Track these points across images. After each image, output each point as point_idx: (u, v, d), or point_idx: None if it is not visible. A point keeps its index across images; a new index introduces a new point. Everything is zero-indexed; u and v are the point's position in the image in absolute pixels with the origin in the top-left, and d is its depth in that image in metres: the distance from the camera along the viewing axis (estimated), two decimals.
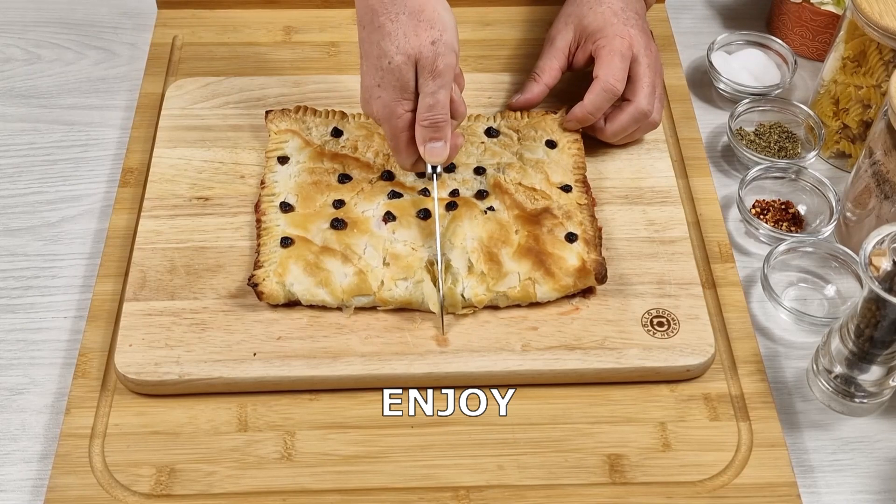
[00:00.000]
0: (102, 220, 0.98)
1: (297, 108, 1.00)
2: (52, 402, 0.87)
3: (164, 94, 1.06)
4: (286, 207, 0.92)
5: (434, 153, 0.87)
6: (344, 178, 0.94)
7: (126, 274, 0.91)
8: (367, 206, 0.92)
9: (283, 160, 0.96)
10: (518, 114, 1.00)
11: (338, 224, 0.90)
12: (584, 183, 0.95)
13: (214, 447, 0.83)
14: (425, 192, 0.93)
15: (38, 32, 1.18)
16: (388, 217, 0.90)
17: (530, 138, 0.98)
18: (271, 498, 0.80)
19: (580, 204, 0.93)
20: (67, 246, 0.97)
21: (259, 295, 0.87)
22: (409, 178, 0.94)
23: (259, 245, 0.90)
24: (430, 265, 0.87)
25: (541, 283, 0.87)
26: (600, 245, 0.91)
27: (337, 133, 0.98)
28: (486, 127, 0.99)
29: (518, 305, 0.89)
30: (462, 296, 0.87)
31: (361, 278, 0.87)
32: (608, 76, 0.95)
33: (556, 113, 1.00)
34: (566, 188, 0.94)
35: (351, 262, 0.88)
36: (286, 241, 0.89)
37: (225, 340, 0.86)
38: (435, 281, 0.86)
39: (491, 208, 0.92)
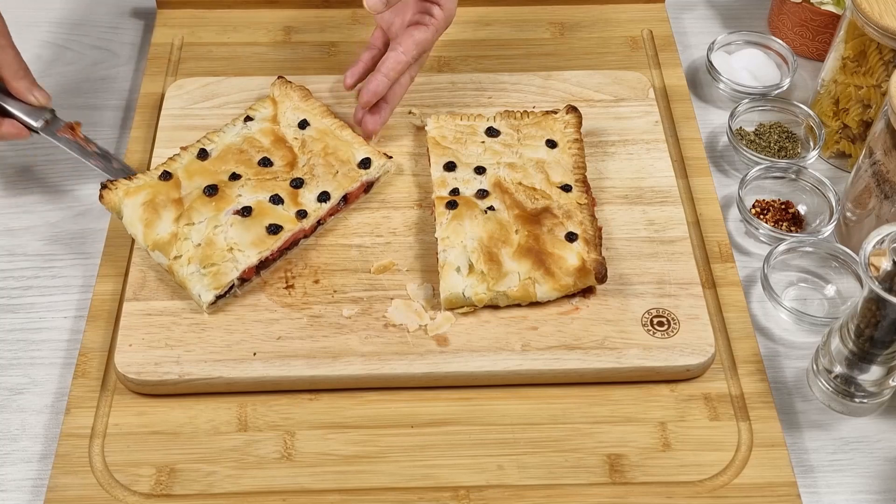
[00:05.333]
0: (102, 220, 0.98)
1: (304, 92, 1.01)
2: (52, 402, 0.87)
3: (164, 94, 1.06)
4: (203, 154, 0.95)
5: None
6: (264, 162, 0.96)
7: (126, 274, 0.92)
8: (249, 193, 0.93)
9: (248, 119, 0.99)
10: (518, 113, 1.00)
11: (209, 190, 0.92)
12: (584, 183, 0.95)
13: (214, 447, 0.83)
14: (301, 214, 0.92)
15: (38, 32, 1.18)
16: (244, 212, 0.91)
17: (531, 138, 0.98)
18: (271, 498, 0.80)
19: (580, 204, 0.93)
20: (67, 246, 0.97)
21: (100, 196, 0.92)
22: (310, 201, 0.93)
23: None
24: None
25: (541, 283, 0.87)
26: (600, 245, 0.91)
27: (303, 125, 0.99)
28: (486, 126, 0.99)
29: (518, 305, 0.89)
30: (462, 294, 0.87)
31: (170, 240, 0.89)
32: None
33: (556, 113, 1.00)
34: (566, 188, 0.94)
35: (178, 223, 0.90)
36: (166, 175, 0.93)
37: (225, 340, 0.86)
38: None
39: (491, 208, 0.92)
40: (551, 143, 0.98)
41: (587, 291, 0.90)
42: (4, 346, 0.91)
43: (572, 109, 1.00)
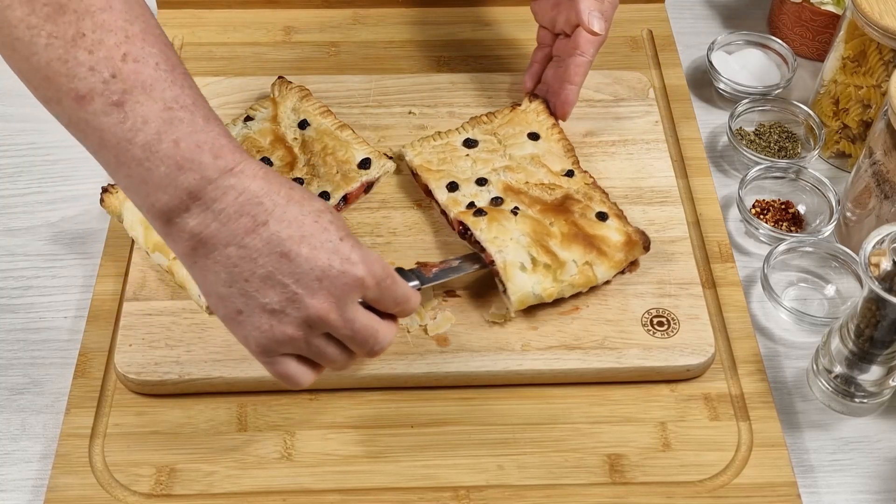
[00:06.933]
0: (102, 220, 0.98)
1: (304, 92, 1.01)
2: (52, 402, 0.87)
3: None
4: None
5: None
6: (264, 162, 0.95)
7: (126, 274, 0.91)
8: None
9: (248, 119, 0.99)
10: (486, 116, 1.00)
11: None
12: (578, 164, 0.96)
13: (214, 447, 0.83)
14: None
15: None
16: None
17: (511, 136, 0.98)
18: (271, 498, 0.80)
19: (587, 184, 0.93)
20: (67, 246, 0.97)
21: (101, 200, 0.92)
22: None
23: None
24: None
25: (597, 265, 0.87)
26: (624, 216, 0.91)
27: (303, 125, 0.99)
28: (462, 139, 0.98)
29: None
30: (532, 293, 0.86)
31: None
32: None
33: (520, 105, 1.00)
34: (570, 173, 0.94)
35: None
36: None
37: (225, 340, 0.86)
38: None
39: (516, 209, 0.91)
40: (534, 136, 0.97)
41: (633, 265, 0.90)
42: (4, 346, 0.91)
43: (534, 97, 1.00)
